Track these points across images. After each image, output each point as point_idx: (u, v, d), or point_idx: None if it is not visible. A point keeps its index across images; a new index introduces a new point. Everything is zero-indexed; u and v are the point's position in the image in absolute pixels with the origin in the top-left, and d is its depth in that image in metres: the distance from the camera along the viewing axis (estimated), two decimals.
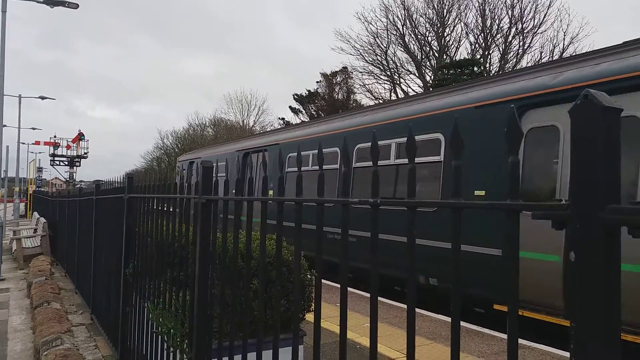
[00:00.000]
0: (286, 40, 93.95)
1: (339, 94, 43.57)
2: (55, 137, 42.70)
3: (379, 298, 7.55)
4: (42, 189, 37.75)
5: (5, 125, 13.55)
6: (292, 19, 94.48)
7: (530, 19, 32.03)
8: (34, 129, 39.68)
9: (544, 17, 31.53)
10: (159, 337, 3.69)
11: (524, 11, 32.07)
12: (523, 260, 6.93)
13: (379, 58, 37.48)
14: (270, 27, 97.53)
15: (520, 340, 5.80)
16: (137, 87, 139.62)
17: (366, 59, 37.88)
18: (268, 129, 43.27)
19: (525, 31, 32.37)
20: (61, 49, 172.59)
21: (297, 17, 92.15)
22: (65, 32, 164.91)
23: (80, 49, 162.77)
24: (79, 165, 43.86)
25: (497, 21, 33.24)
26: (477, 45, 34.49)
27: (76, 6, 14.33)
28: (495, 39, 33.66)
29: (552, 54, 30.79)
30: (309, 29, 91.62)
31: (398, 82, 37.79)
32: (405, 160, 7.98)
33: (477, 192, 6.96)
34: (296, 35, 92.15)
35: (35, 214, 21.44)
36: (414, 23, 35.67)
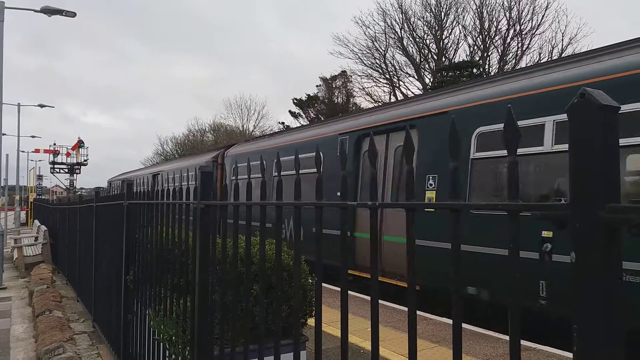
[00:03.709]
0: (280, 44, 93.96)
1: (339, 98, 43.57)
2: (54, 144, 42.73)
3: (382, 302, 7.53)
4: (43, 197, 37.76)
5: (4, 134, 13.54)
6: (284, 22, 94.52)
7: (528, 20, 32.08)
8: (33, 137, 39.63)
9: (542, 18, 31.58)
10: (161, 344, 3.67)
11: (521, 13, 32.11)
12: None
13: (378, 61, 37.50)
14: (263, 30, 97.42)
15: (527, 343, 5.76)
16: (129, 92, 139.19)
17: (365, 62, 37.90)
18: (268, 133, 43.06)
19: (523, 32, 32.41)
20: (47, 54, 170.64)
21: (290, 20, 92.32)
22: (50, 37, 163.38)
23: (67, 54, 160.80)
24: (79, 173, 43.94)
25: (495, 23, 33.29)
26: (475, 47, 34.51)
27: (74, 14, 14.10)
28: (494, 40, 33.69)
29: (551, 54, 30.82)
30: (302, 32, 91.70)
31: (397, 85, 37.80)
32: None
33: None
34: (290, 38, 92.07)
35: (36, 222, 21.43)
36: (412, 26, 35.70)
